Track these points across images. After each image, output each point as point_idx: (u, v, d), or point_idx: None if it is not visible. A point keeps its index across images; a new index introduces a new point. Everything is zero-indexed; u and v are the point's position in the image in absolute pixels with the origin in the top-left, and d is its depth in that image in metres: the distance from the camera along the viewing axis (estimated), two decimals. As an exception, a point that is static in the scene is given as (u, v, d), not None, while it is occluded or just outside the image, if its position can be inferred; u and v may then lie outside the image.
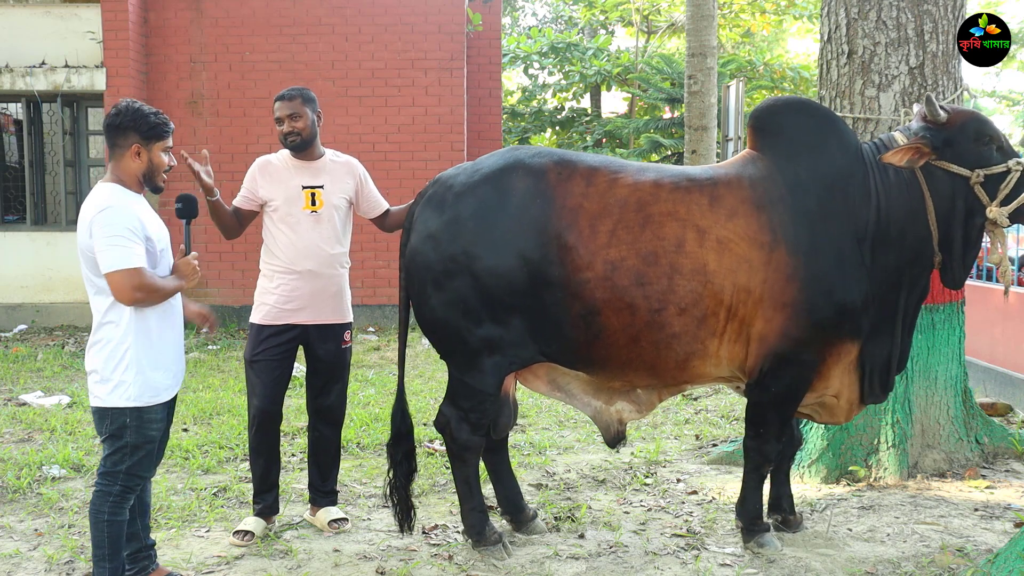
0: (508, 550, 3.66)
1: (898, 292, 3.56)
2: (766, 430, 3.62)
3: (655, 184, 3.51)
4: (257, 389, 3.88)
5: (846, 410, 3.72)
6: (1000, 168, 3.43)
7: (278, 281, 3.87)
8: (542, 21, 23.22)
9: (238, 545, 3.77)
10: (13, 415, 5.97)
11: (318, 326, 3.91)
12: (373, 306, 9.73)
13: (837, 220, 3.47)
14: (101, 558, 3.08)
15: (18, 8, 9.63)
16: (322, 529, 3.95)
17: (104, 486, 3.08)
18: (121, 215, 2.99)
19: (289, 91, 3.93)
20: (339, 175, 3.99)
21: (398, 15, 9.92)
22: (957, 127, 3.48)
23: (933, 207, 3.48)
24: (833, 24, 4.74)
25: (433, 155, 9.58)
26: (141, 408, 3.06)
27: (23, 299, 9.68)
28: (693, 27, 10.22)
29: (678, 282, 3.40)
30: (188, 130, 9.69)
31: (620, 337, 3.45)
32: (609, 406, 3.76)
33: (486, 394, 3.58)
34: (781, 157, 3.55)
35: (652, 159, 15.35)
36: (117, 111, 3.12)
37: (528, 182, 3.50)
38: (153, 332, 3.09)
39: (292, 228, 3.86)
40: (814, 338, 3.45)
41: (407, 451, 3.78)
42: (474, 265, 3.46)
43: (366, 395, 6.54)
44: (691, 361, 3.50)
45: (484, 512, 3.74)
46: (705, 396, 6.58)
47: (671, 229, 3.43)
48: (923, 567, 3.52)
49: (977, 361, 6.42)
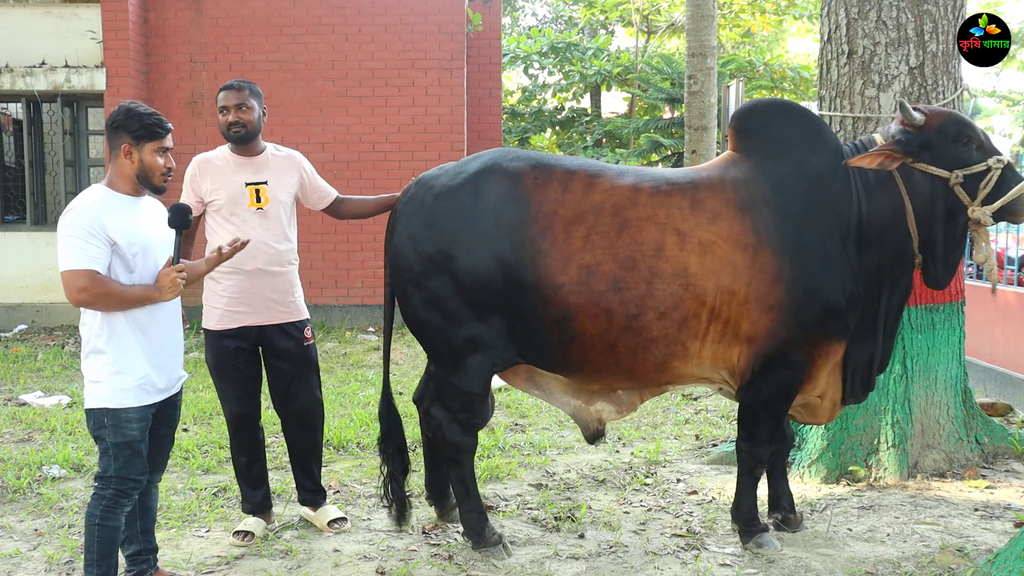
0: (508, 550, 3.66)
1: (880, 292, 3.57)
2: (758, 432, 3.63)
3: (633, 188, 3.51)
4: (228, 395, 3.82)
5: (829, 410, 3.74)
6: (980, 167, 3.43)
7: (226, 283, 3.76)
8: (542, 21, 23.22)
9: (238, 545, 3.77)
10: (13, 415, 5.97)
11: (275, 326, 3.82)
12: (373, 306, 9.72)
13: (821, 220, 3.48)
14: (90, 562, 3.07)
15: (18, 8, 9.63)
16: (321, 528, 3.95)
17: (98, 489, 3.07)
18: (82, 216, 2.96)
19: (238, 81, 3.86)
20: (282, 169, 3.87)
21: (398, 15, 9.92)
22: (935, 129, 3.48)
23: (912, 209, 3.49)
24: (833, 24, 4.74)
25: (433, 155, 9.57)
26: (115, 409, 3.02)
27: (23, 299, 9.68)
28: (693, 27, 10.22)
29: (657, 286, 3.39)
30: (188, 130, 9.69)
31: (596, 343, 3.46)
32: (589, 406, 3.78)
33: (473, 394, 3.60)
34: (764, 158, 3.56)
35: (652, 159, 15.36)
36: (115, 112, 3.11)
37: (504, 186, 3.51)
38: (126, 335, 3.03)
39: (238, 227, 3.73)
40: (803, 339, 3.46)
41: (398, 446, 3.85)
42: (451, 266, 3.48)
43: (366, 395, 6.54)
44: (671, 363, 3.50)
45: (483, 513, 3.74)
46: (705, 396, 6.58)
47: (650, 233, 3.42)
48: (923, 567, 3.52)
49: (977, 361, 6.42)
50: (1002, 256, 6.80)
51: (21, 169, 10.05)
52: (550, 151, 17.26)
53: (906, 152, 3.46)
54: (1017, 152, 8.35)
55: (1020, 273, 6.54)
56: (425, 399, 3.90)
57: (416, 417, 4.12)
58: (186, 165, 3.63)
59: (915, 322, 4.59)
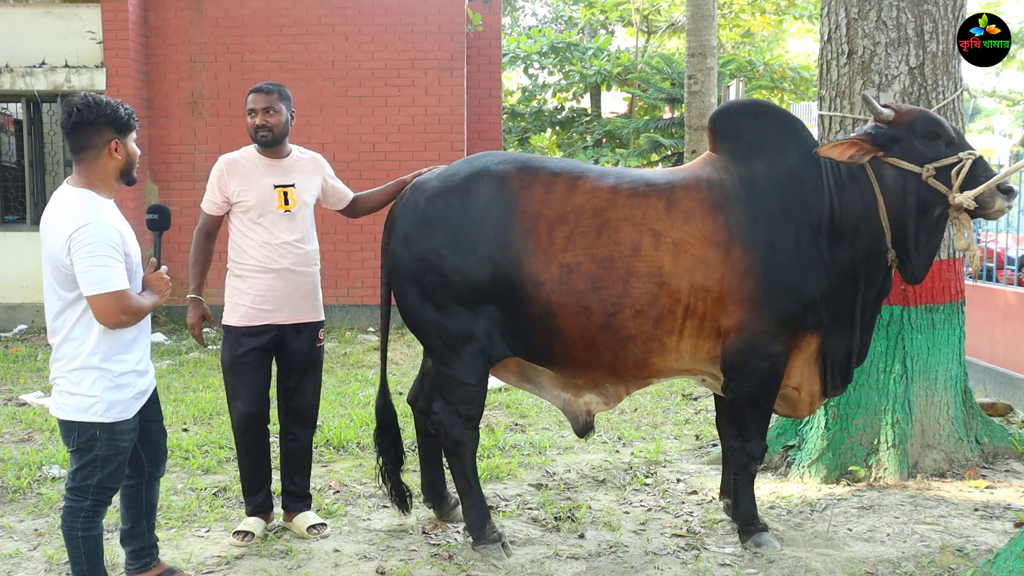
0: (508, 550, 3.67)
1: (855, 286, 3.65)
2: (748, 428, 3.71)
3: (613, 190, 3.63)
4: (240, 393, 3.83)
5: (808, 403, 3.82)
6: (951, 159, 3.51)
7: (252, 281, 3.80)
8: (542, 21, 23.22)
9: (238, 545, 3.77)
10: (13, 415, 5.97)
11: (294, 325, 3.87)
12: (373, 306, 9.70)
13: (792, 217, 3.58)
14: (81, 574, 3.00)
15: (18, 8, 9.63)
16: (302, 535, 3.90)
17: (74, 501, 2.95)
18: (103, 231, 2.82)
19: (267, 84, 3.88)
20: (308, 172, 3.93)
21: (398, 15, 9.92)
22: (905, 125, 3.57)
23: (884, 204, 3.56)
24: (833, 24, 4.74)
25: (433, 155, 9.57)
26: (111, 423, 2.93)
27: (23, 299, 9.68)
28: (693, 27, 10.22)
29: (633, 285, 3.51)
30: (188, 130, 9.67)
31: (577, 340, 3.58)
32: (577, 398, 3.89)
33: (470, 385, 3.68)
34: (737, 158, 3.67)
35: (652, 159, 15.35)
36: (83, 107, 2.87)
37: (492, 188, 3.65)
38: (122, 349, 2.96)
39: (266, 229, 3.79)
40: (778, 331, 3.55)
41: (393, 438, 3.97)
42: (443, 264, 3.61)
43: (366, 395, 6.54)
44: (649, 359, 3.61)
45: (485, 509, 3.77)
46: (705, 396, 6.58)
47: (627, 234, 3.54)
48: (923, 567, 3.52)
49: (977, 361, 6.42)
50: (1002, 256, 6.80)
51: (21, 169, 10.05)
52: (550, 151, 17.27)
53: (875, 144, 3.55)
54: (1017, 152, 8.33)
55: (1020, 273, 6.54)
56: (420, 399, 4.03)
57: (412, 417, 4.14)
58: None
59: (915, 322, 4.59)
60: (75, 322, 2.91)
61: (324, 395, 6.29)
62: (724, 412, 3.99)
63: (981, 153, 3.56)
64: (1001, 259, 6.75)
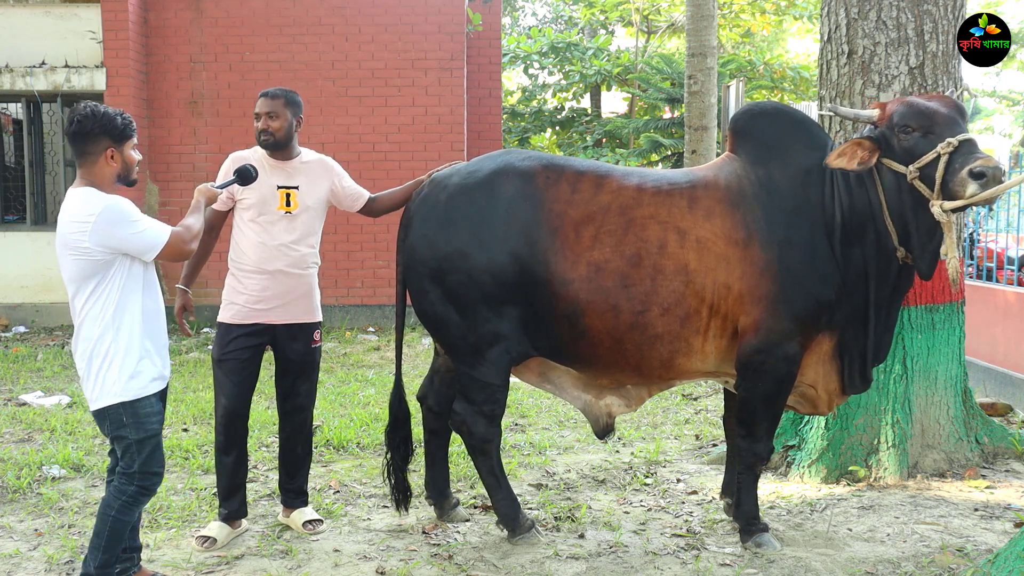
0: (540, 533, 3.80)
1: (867, 284, 3.63)
2: (757, 428, 3.70)
3: (638, 188, 3.64)
4: (225, 388, 3.84)
5: (826, 400, 3.81)
6: (930, 156, 3.35)
7: (247, 282, 3.83)
8: (542, 21, 23.22)
9: (198, 551, 3.71)
10: (13, 415, 5.97)
11: (287, 325, 3.87)
12: (373, 306, 9.73)
13: (807, 216, 3.59)
14: (96, 547, 3.12)
15: (18, 8, 9.63)
16: (297, 531, 3.92)
17: (122, 484, 3.13)
18: (122, 203, 3.04)
19: (275, 90, 3.90)
20: (314, 175, 3.93)
21: (398, 15, 9.92)
22: (887, 121, 3.52)
23: (886, 203, 3.55)
24: (833, 24, 4.74)
25: (433, 155, 9.57)
26: (132, 401, 3.09)
27: (23, 299, 9.68)
28: (693, 27, 10.22)
29: (660, 283, 3.52)
30: (188, 130, 9.68)
31: (605, 338, 3.58)
32: (599, 400, 3.89)
33: (495, 385, 3.69)
34: (755, 158, 3.70)
35: (652, 159, 15.35)
36: (83, 117, 3.08)
37: (517, 185, 3.63)
38: (137, 323, 3.12)
39: (265, 229, 3.81)
40: (794, 330, 3.54)
41: (404, 436, 3.98)
42: (466, 263, 3.59)
43: (366, 395, 6.54)
44: (676, 359, 3.61)
45: (515, 500, 3.83)
46: (705, 396, 6.58)
47: (653, 231, 3.55)
48: (923, 567, 3.52)
49: (977, 361, 6.42)
50: (1002, 256, 6.80)
51: (21, 169, 10.05)
52: (550, 151, 17.26)
53: (875, 145, 3.51)
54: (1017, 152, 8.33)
55: (1020, 273, 6.54)
56: (430, 396, 4.03)
57: (418, 416, 4.13)
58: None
59: (915, 322, 4.60)
60: (91, 305, 3.09)
61: (324, 395, 6.30)
62: (732, 410, 3.98)
63: (966, 137, 3.34)
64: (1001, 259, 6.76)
